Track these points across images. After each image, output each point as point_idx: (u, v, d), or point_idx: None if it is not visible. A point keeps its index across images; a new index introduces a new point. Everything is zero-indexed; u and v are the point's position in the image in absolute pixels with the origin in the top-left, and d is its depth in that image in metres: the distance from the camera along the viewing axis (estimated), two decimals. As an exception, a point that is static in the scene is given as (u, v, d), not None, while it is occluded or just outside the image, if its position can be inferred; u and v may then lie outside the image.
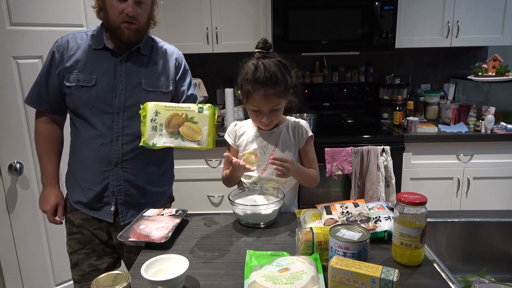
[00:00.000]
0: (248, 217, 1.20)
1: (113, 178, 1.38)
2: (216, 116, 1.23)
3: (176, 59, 1.47)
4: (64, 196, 1.49)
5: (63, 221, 1.49)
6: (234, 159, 1.27)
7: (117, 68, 1.36)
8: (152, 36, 1.48)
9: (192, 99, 1.50)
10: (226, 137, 1.48)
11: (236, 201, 1.23)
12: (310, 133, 1.42)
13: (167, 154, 1.52)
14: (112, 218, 1.41)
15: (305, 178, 1.38)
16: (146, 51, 1.41)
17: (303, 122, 1.43)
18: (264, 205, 1.19)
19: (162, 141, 1.20)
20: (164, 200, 1.53)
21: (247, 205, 1.20)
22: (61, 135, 1.49)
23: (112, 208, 1.40)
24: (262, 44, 1.29)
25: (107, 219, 1.41)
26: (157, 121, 1.20)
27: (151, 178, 1.45)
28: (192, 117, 1.20)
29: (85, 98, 1.34)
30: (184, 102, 1.46)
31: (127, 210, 1.42)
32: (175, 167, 2.52)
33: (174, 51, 1.49)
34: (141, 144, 1.21)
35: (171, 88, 1.43)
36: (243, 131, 1.44)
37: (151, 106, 1.21)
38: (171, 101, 1.40)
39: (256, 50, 1.29)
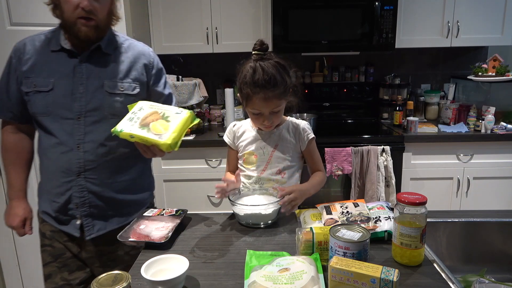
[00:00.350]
0: (248, 217, 1.20)
1: (76, 189, 1.27)
2: (192, 124, 1.19)
3: (145, 58, 1.36)
4: (37, 207, 1.41)
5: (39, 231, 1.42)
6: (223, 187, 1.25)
7: (76, 70, 1.25)
8: (117, 33, 1.36)
9: (171, 97, 1.44)
10: (225, 137, 1.48)
11: (236, 201, 1.23)
12: (312, 135, 1.42)
13: (141, 161, 1.40)
14: (79, 232, 1.31)
15: (316, 189, 1.39)
16: (109, 49, 1.29)
17: (304, 124, 1.43)
18: (264, 205, 1.19)
19: (128, 129, 1.14)
20: (143, 209, 1.39)
21: (247, 205, 1.20)
22: (30, 145, 1.41)
23: (78, 222, 1.30)
24: (259, 45, 1.26)
25: (74, 233, 1.31)
26: (136, 114, 1.17)
27: (122, 188, 1.34)
28: (168, 116, 1.17)
29: (43, 104, 1.24)
30: (164, 102, 1.37)
31: (93, 222, 1.31)
32: (175, 167, 2.56)
33: (143, 50, 1.37)
34: (112, 130, 1.16)
35: (138, 90, 1.32)
36: (242, 131, 1.44)
37: (140, 103, 1.21)
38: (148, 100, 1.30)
39: (253, 52, 1.27)
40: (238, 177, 1.31)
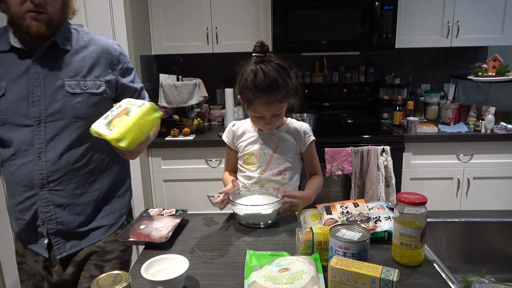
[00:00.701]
0: (248, 217, 1.20)
1: (40, 204, 1.15)
2: (153, 116, 1.08)
3: (110, 52, 1.22)
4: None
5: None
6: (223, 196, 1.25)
7: (31, 70, 1.11)
8: (76, 27, 1.22)
9: (143, 91, 1.34)
10: (224, 137, 1.48)
11: (236, 201, 1.23)
12: (312, 138, 1.42)
13: (116, 165, 1.29)
14: (47, 252, 1.19)
15: (315, 195, 1.41)
16: (67, 45, 1.16)
17: (305, 127, 1.42)
18: (264, 205, 1.19)
19: (97, 127, 1.04)
20: (119, 224, 1.31)
21: (247, 205, 1.20)
22: None
23: (46, 241, 1.17)
24: (259, 47, 1.23)
25: (43, 253, 1.19)
26: (113, 112, 1.07)
27: (93, 199, 1.22)
28: (130, 111, 1.05)
29: None
30: (138, 97, 1.29)
31: (64, 241, 1.19)
32: (175, 167, 2.56)
33: (107, 44, 1.23)
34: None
35: (104, 87, 1.19)
36: (241, 131, 1.44)
37: (123, 100, 1.12)
38: (119, 99, 1.16)
39: (254, 54, 1.24)
40: (235, 182, 1.30)
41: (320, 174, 1.47)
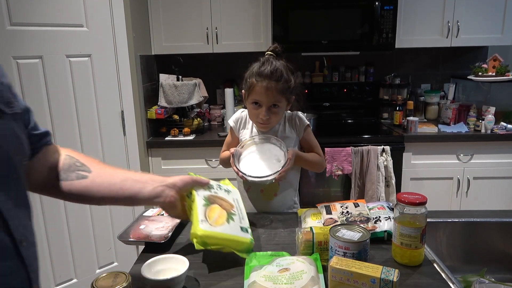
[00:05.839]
0: (249, 183, 1.26)
1: None
2: (238, 248, 1.00)
3: None
4: None
5: None
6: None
7: None
8: None
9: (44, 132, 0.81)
10: (231, 121, 1.48)
11: (240, 162, 1.29)
12: (307, 122, 1.43)
13: None
14: None
15: (309, 163, 1.40)
16: None
17: (297, 113, 1.44)
18: (265, 176, 1.21)
19: (198, 197, 1.02)
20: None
21: (251, 176, 1.23)
22: None
23: None
24: (273, 48, 1.34)
25: None
26: (220, 196, 1.09)
27: None
28: (232, 220, 1.03)
29: None
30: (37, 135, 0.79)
31: None
32: (175, 167, 2.56)
33: None
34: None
35: None
36: (244, 122, 1.45)
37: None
38: None
39: (267, 52, 1.33)
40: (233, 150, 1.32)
41: (321, 156, 1.46)
